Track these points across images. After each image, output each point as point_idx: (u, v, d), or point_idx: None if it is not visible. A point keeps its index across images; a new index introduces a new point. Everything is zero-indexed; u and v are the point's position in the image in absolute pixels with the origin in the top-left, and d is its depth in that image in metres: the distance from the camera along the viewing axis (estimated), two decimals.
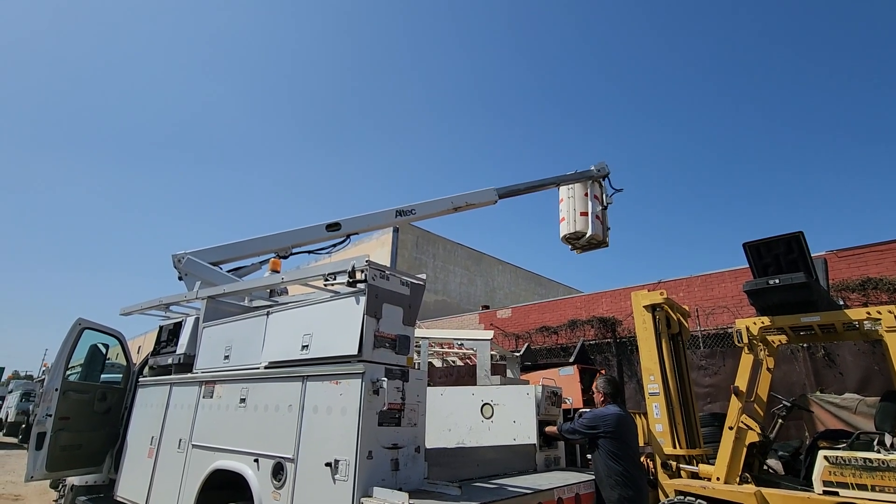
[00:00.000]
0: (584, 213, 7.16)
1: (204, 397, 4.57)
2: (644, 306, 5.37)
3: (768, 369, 4.73)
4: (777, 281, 4.38)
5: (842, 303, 8.54)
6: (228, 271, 6.28)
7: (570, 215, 7.24)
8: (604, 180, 7.51)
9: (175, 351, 5.48)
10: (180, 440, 4.64)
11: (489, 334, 7.20)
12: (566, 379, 8.01)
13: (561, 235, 7.33)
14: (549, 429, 4.77)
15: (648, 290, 5.55)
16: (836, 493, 3.80)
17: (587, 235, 7.08)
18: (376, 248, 19.96)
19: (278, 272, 5.55)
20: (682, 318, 5.59)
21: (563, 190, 7.42)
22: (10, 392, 23.11)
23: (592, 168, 7.45)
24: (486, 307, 18.58)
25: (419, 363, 7.15)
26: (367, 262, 3.50)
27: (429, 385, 4.07)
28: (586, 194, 7.27)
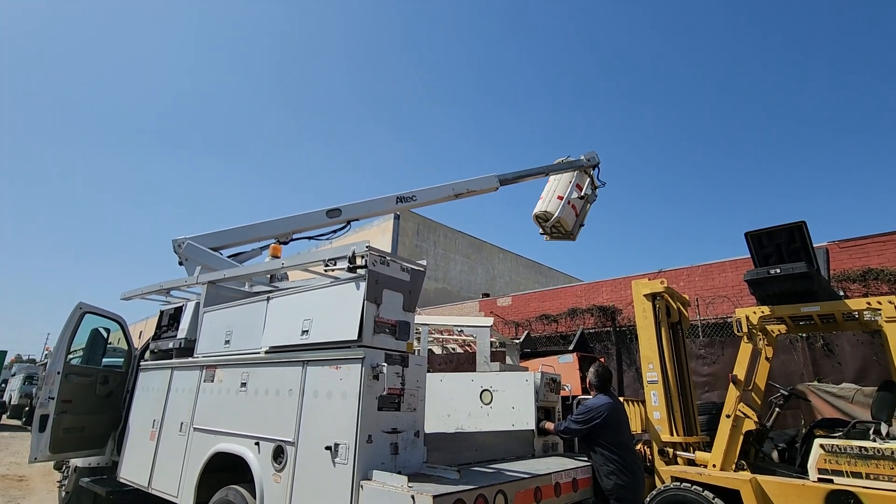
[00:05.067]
0: (560, 198, 7.17)
1: (205, 381, 4.60)
2: (644, 295, 5.37)
3: (767, 358, 4.75)
4: (778, 270, 4.37)
5: (842, 293, 8.53)
6: (229, 257, 6.28)
7: (546, 195, 7.28)
8: (593, 170, 7.49)
9: (176, 335, 5.50)
10: (182, 423, 4.68)
11: (489, 321, 7.23)
12: (565, 366, 8.05)
13: (532, 213, 7.34)
14: (547, 425, 4.80)
15: (649, 279, 5.55)
16: (831, 481, 3.83)
17: (553, 217, 7.07)
18: (377, 235, 19.95)
19: (279, 258, 5.56)
20: (682, 308, 5.59)
21: (553, 175, 7.42)
22: (14, 375, 23.33)
23: (582, 157, 7.42)
24: (487, 295, 18.63)
25: (419, 349, 7.18)
26: (367, 247, 3.50)
27: (428, 371, 4.09)
28: (570, 181, 7.29)
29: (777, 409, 5.07)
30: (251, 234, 6.36)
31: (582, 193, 7.37)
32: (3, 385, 23.79)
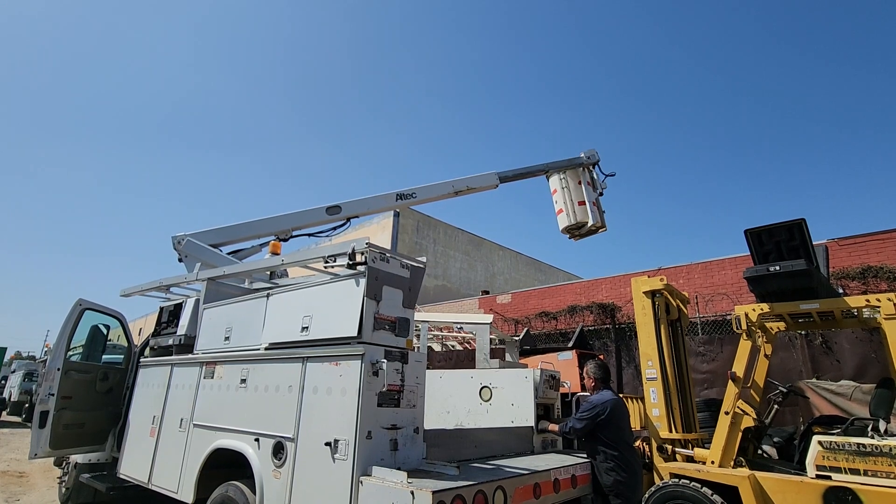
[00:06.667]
0: (582, 203, 7.06)
1: (205, 378, 4.61)
2: (644, 292, 5.37)
3: (766, 356, 4.76)
4: (778, 268, 4.37)
5: (841, 291, 8.54)
6: (228, 254, 6.28)
7: (567, 206, 7.13)
8: (594, 167, 7.41)
9: (176, 332, 5.51)
10: (182, 420, 4.69)
11: (489, 318, 7.22)
12: (565, 363, 8.07)
13: (561, 227, 7.23)
14: (551, 426, 4.77)
15: (648, 277, 5.56)
16: (829, 478, 3.85)
17: (588, 225, 7.01)
18: (377, 233, 19.94)
19: (278, 254, 5.56)
20: (681, 305, 5.60)
21: (555, 181, 7.28)
22: (13, 372, 23.37)
23: (582, 155, 7.32)
24: (486, 292, 18.63)
25: (419, 346, 7.18)
26: (367, 244, 3.50)
27: (428, 368, 4.09)
28: (579, 182, 7.16)
29: (776, 406, 5.07)
30: (251, 230, 6.35)
31: (599, 189, 7.29)
32: (3, 382, 23.83)
